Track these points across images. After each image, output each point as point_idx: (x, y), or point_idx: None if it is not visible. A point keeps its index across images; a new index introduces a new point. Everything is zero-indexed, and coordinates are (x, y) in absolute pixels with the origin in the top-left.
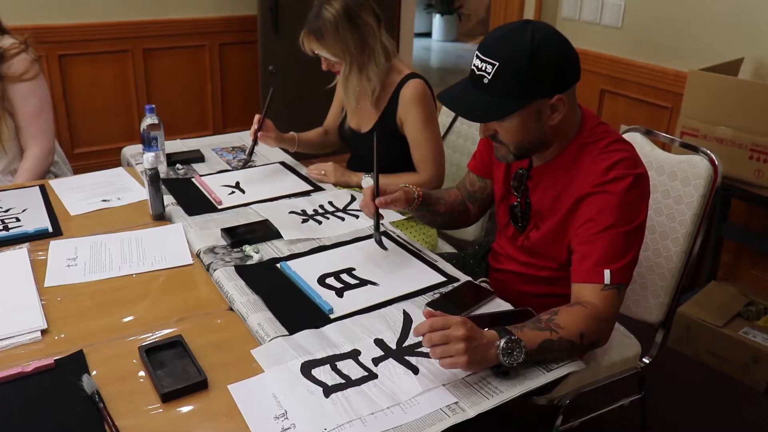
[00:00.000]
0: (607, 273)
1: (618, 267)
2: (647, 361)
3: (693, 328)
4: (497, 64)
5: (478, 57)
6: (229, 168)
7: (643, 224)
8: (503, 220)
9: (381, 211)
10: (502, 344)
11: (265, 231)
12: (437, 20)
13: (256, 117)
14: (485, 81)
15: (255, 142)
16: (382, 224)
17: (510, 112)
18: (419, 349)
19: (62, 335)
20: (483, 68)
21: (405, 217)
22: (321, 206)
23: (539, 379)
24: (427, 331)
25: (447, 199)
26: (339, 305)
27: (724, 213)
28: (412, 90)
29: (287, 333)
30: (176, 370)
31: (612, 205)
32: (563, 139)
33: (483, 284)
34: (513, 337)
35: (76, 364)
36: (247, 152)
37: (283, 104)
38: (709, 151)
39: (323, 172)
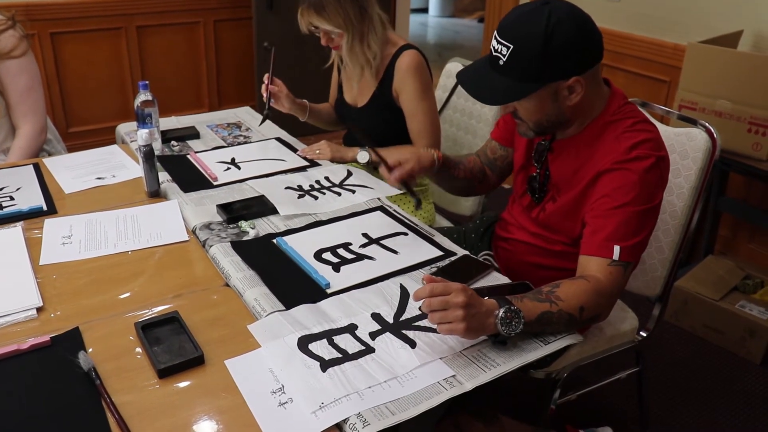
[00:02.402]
0: (616, 249)
1: (628, 245)
2: (644, 335)
3: (690, 301)
4: (512, 47)
5: (495, 38)
6: (225, 144)
7: (657, 207)
8: (520, 189)
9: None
10: (500, 314)
11: (261, 207)
12: None
13: (265, 75)
14: (501, 63)
15: (269, 95)
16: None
17: (522, 95)
18: (416, 323)
19: (58, 313)
20: (499, 50)
21: (401, 192)
22: (317, 181)
23: (537, 352)
24: (427, 296)
25: (466, 164)
26: (336, 280)
27: (721, 187)
28: (408, 61)
29: (284, 308)
30: (173, 346)
31: (631, 183)
32: (587, 116)
33: (485, 258)
34: (512, 307)
35: (72, 341)
36: (266, 107)
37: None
38: (707, 124)
39: (317, 151)
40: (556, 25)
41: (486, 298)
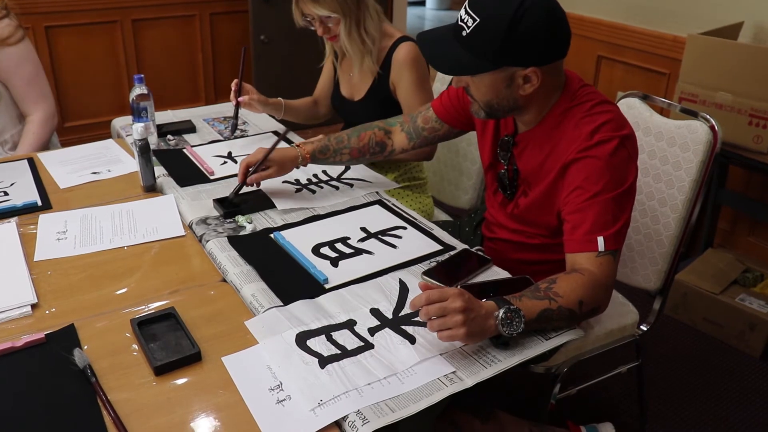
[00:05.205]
0: (600, 240)
1: (611, 233)
2: (645, 329)
3: (690, 295)
4: (477, 20)
5: (465, 7)
6: (221, 138)
7: (632, 186)
8: (491, 187)
9: None
10: (500, 314)
11: (258, 201)
12: None
13: (234, 81)
14: (463, 33)
15: (237, 105)
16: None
17: (476, 71)
18: (416, 319)
19: (53, 309)
20: (465, 20)
21: (400, 185)
22: (315, 175)
23: (538, 347)
24: (423, 304)
25: (354, 145)
26: (334, 275)
27: (721, 180)
28: (404, 53)
29: (281, 303)
30: (169, 343)
31: (599, 170)
32: (544, 105)
33: (479, 252)
34: (512, 307)
35: (67, 338)
36: (232, 116)
37: (275, 74)
38: (708, 116)
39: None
40: (527, 11)
41: (484, 300)
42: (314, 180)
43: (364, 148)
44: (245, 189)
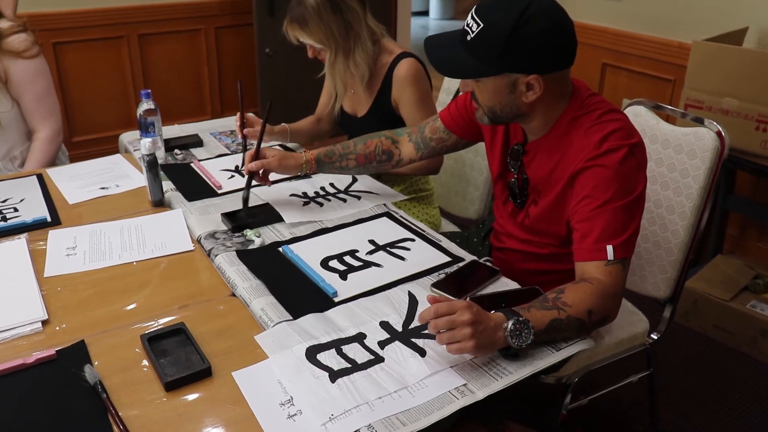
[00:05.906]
0: (609, 249)
1: (620, 242)
2: (655, 337)
3: (700, 302)
4: (481, 25)
5: (471, 13)
6: (228, 152)
7: (642, 194)
8: (501, 197)
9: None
10: (509, 326)
11: (266, 215)
12: None
13: (237, 115)
14: (468, 38)
15: (244, 139)
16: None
17: (476, 76)
18: (426, 331)
19: (63, 325)
20: (470, 25)
21: (407, 197)
22: (322, 188)
23: (548, 358)
24: (432, 317)
25: (360, 152)
26: (343, 288)
27: (729, 186)
28: (405, 70)
29: (291, 318)
30: (180, 359)
31: (608, 179)
32: (551, 113)
33: (488, 263)
34: (520, 318)
35: (77, 354)
36: (241, 151)
37: (280, 86)
38: (715, 123)
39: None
40: (530, 19)
41: (492, 311)
42: (321, 193)
43: (371, 155)
44: (254, 202)
